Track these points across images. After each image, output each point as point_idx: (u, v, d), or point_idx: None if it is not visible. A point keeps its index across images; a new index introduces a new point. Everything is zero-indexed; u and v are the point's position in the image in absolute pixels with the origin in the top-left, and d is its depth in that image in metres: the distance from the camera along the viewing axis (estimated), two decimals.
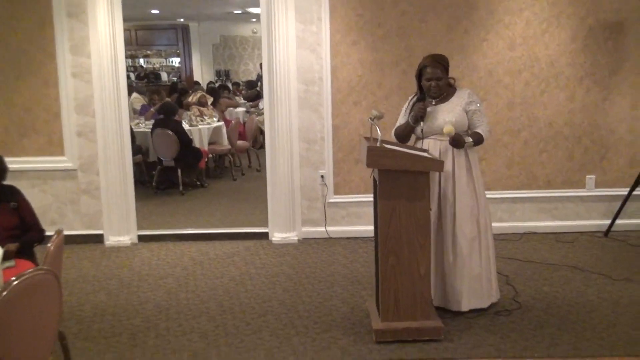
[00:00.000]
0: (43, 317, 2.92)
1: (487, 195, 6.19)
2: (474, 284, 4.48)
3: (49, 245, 3.33)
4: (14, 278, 2.74)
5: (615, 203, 6.40)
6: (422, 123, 4.41)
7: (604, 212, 6.53)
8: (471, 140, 4.38)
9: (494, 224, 6.29)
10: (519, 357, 3.91)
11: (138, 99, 11.89)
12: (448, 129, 4.25)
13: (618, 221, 6.38)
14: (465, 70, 6.30)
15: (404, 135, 4.59)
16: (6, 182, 4.43)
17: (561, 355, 3.93)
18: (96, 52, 6.22)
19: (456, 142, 4.32)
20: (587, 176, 6.51)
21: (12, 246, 4.15)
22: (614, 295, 4.88)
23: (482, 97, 6.31)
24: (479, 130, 4.44)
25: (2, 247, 4.00)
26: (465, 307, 4.49)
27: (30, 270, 2.84)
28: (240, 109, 13.51)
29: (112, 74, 6.26)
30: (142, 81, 18.35)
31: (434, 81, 4.39)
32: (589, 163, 6.50)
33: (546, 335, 4.21)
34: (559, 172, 6.51)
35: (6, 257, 4.02)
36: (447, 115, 4.40)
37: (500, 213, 6.54)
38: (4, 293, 2.67)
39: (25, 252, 4.30)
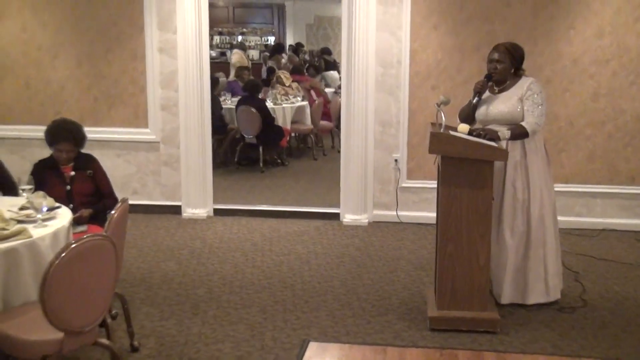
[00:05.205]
0: (98, 278, 3.09)
1: (566, 189, 6.08)
2: (518, 278, 4.40)
3: (112, 212, 3.48)
4: (73, 241, 2.91)
5: None
6: (476, 98, 4.40)
7: None
8: (508, 132, 4.21)
9: (570, 219, 6.18)
10: (575, 356, 3.81)
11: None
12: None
13: None
14: (548, 58, 6.09)
15: (465, 114, 4.54)
16: (85, 151, 4.67)
17: (622, 358, 3.80)
18: (182, 28, 6.39)
19: (490, 136, 4.17)
20: None
21: (86, 212, 4.39)
22: None
23: (565, 86, 6.11)
24: (524, 122, 4.27)
25: (77, 212, 4.26)
26: (505, 300, 4.43)
27: (89, 235, 3.00)
28: (329, 90, 13.53)
29: (196, 50, 6.43)
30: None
31: (493, 63, 4.35)
32: None
33: (608, 336, 4.08)
34: None
35: (80, 222, 4.27)
36: (502, 105, 4.33)
37: (579, 207, 6.31)
38: (63, 254, 2.84)
39: (99, 218, 4.51)
